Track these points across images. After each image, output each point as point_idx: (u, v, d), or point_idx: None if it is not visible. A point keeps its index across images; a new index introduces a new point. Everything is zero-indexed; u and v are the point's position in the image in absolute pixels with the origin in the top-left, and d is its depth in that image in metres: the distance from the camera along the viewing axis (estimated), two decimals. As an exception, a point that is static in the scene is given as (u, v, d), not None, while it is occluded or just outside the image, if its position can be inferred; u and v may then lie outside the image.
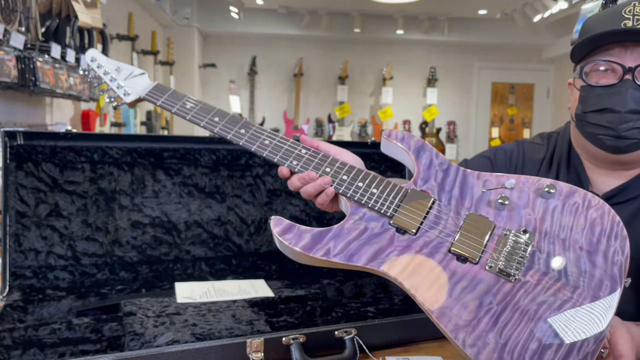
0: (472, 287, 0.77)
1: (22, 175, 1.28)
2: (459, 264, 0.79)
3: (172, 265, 1.43)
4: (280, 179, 1.55)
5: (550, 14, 4.85)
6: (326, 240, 0.84)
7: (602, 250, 0.79)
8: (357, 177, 0.89)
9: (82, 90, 2.64)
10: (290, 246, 0.82)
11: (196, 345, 0.95)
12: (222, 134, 0.95)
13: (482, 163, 1.20)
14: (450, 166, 0.91)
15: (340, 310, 1.29)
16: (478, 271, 0.79)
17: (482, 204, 0.85)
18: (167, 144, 1.43)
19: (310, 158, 0.92)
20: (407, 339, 1.15)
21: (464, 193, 0.87)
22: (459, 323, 0.74)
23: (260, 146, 0.93)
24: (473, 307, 0.75)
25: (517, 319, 0.74)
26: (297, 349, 1.00)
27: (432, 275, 0.78)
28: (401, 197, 0.86)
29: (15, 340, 1.07)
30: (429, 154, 0.92)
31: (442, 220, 0.84)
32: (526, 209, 0.84)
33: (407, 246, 0.81)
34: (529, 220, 0.83)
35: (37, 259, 1.30)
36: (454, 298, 0.76)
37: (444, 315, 0.74)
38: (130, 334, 1.06)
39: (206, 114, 0.97)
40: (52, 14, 2.53)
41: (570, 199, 0.83)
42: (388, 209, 0.85)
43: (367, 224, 0.84)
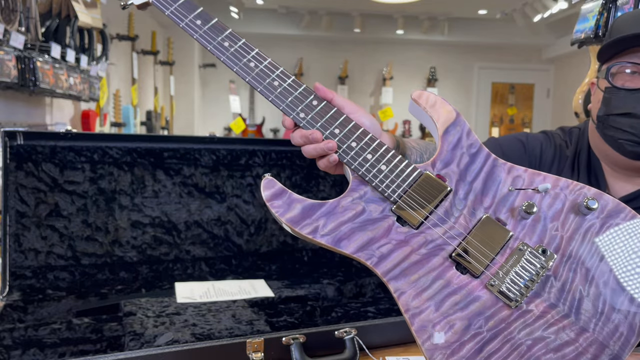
0: (464, 305, 0.67)
1: (22, 175, 1.28)
2: (457, 274, 0.68)
3: (172, 265, 1.43)
4: (281, 179, 1.55)
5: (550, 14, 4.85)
6: (317, 215, 0.73)
7: (632, 291, 0.66)
8: (368, 147, 0.75)
9: (82, 90, 2.64)
10: (277, 215, 0.73)
11: (196, 345, 0.95)
12: (229, 65, 0.80)
13: (515, 147, 1.09)
14: (481, 150, 0.74)
15: (340, 310, 1.29)
16: (476, 287, 0.68)
17: (504, 206, 0.71)
18: (167, 144, 1.43)
19: (321, 113, 0.77)
20: (407, 339, 1.15)
21: (487, 188, 0.72)
22: (439, 343, 0.65)
23: (268, 88, 0.79)
24: (459, 328, 0.65)
25: (505, 352, 0.64)
26: (297, 349, 1.00)
27: (424, 281, 0.68)
28: (412, 180, 0.72)
29: (15, 340, 1.07)
30: (459, 130, 0.75)
31: (452, 218, 0.71)
32: (555, 222, 0.70)
33: (404, 241, 0.70)
34: (553, 237, 0.69)
35: (37, 259, 1.30)
36: (440, 312, 0.66)
37: (424, 330, 0.66)
38: (130, 334, 1.06)
39: (216, 35, 0.80)
40: (52, 14, 2.53)
41: (612, 219, 0.69)
42: (393, 193, 0.72)
43: (365, 206, 0.72)
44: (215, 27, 0.80)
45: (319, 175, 1.59)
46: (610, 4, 1.47)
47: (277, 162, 1.54)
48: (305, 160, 1.58)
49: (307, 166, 1.57)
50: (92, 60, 2.81)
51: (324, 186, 1.59)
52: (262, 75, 0.79)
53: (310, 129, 0.77)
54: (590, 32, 1.56)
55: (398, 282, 0.68)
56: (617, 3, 1.44)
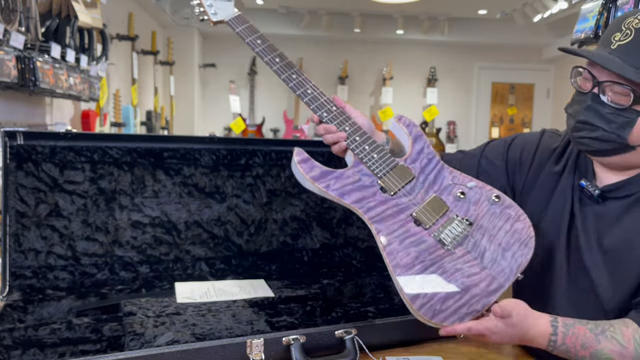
0: (417, 243, 1.03)
1: (22, 175, 1.28)
2: (413, 225, 1.06)
3: (172, 265, 1.43)
4: (280, 179, 1.55)
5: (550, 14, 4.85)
6: (329, 177, 1.09)
7: (513, 251, 1.04)
8: (366, 141, 1.14)
9: (82, 90, 2.64)
10: (303, 172, 1.09)
11: (196, 345, 0.95)
12: (278, 74, 1.20)
13: (499, 148, 1.28)
14: (434, 158, 1.16)
15: (340, 310, 1.29)
16: (425, 235, 1.05)
17: (446, 191, 1.11)
18: (167, 144, 1.43)
19: (337, 115, 1.16)
20: (407, 339, 1.15)
21: (436, 180, 1.13)
22: (399, 263, 1.00)
23: (304, 93, 1.18)
24: (412, 257, 1.02)
25: (439, 274, 1.01)
26: (297, 349, 1.00)
27: (394, 227, 1.04)
28: (391, 167, 1.11)
29: (15, 340, 1.07)
30: (422, 144, 1.18)
31: (414, 193, 1.10)
32: (475, 205, 1.10)
33: (384, 201, 1.07)
34: (473, 213, 1.08)
35: (37, 259, 1.30)
36: (402, 246, 1.02)
37: (391, 254, 1.01)
38: (130, 334, 1.06)
39: (271, 52, 1.22)
40: (52, 14, 2.53)
41: (507, 209, 1.09)
42: (379, 172, 1.10)
43: (361, 177, 1.10)
44: (269, 47, 1.23)
45: (319, 175, 1.59)
46: (610, 4, 1.47)
47: (277, 162, 1.54)
48: (305, 160, 1.58)
49: (307, 166, 1.58)
50: (92, 60, 2.81)
51: (324, 186, 1.59)
52: (301, 84, 1.19)
53: (330, 124, 1.15)
54: (590, 32, 1.56)
55: (379, 225, 1.04)
56: (617, 3, 1.44)
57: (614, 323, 0.97)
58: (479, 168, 1.26)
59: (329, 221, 1.60)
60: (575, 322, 0.98)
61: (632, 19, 0.97)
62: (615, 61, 0.95)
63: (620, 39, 0.97)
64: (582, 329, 0.96)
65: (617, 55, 0.96)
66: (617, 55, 0.96)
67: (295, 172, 1.12)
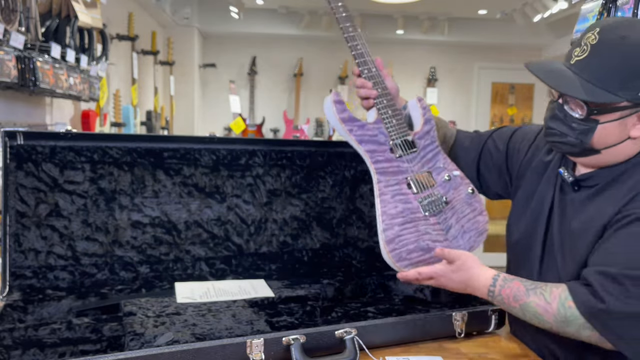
0: (404, 201, 1.25)
1: (22, 175, 1.28)
2: (405, 187, 1.27)
3: (172, 265, 1.43)
4: (280, 179, 1.55)
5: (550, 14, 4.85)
6: (355, 124, 1.28)
7: (470, 235, 1.30)
8: (391, 106, 1.32)
9: (82, 90, 2.64)
10: (335, 111, 1.27)
11: (196, 345, 0.95)
12: (338, 22, 1.38)
13: (505, 135, 1.41)
14: (436, 141, 1.36)
15: (340, 310, 1.29)
16: (412, 197, 1.26)
17: (436, 172, 1.33)
18: (167, 144, 1.43)
19: (375, 75, 1.34)
20: (407, 339, 1.15)
21: (432, 160, 1.34)
22: (387, 211, 1.22)
23: (354, 47, 1.34)
24: (398, 210, 1.23)
25: (412, 231, 1.23)
26: (297, 349, 1.00)
27: (391, 182, 1.26)
28: (403, 135, 1.31)
29: (15, 340, 1.07)
30: (430, 127, 1.37)
31: (413, 163, 1.30)
32: (454, 190, 1.32)
33: (389, 160, 1.28)
34: (451, 195, 1.31)
35: (37, 259, 1.30)
36: (393, 199, 1.24)
37: (383, 202, 1.23)
38: (130, 334, 1.06)
39: (348, 21, 1.38)
40: (52, 14, 2.53)
41: (476, 203, 1.34)
42: (393, 135, 1.30)
43: (378, 133, 1.30)
44: (349, 16, 1.40)
45: (319, 175, 1.59)
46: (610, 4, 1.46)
47: (277, 162, 1.54)
48: (305, 160, 1.58)
49: (307, 166, 1.58)
50: (92, 60, 2.81)
51: (323, 186, 1.59)
52: (354, 38, 1.36)
53: (367, 81, 1.33)
54: (590, 32, 1.56)
55: (380, 177, 1.26)
56: (617, 3, 1.44)
57: (549, 284, 1.05)
58: (484, 147, 1.41)
59: (329, 221, 1.60)
60: (516, 279, 1.09)
61: (590, 35, 1.03)
62: (569, 78, 1.03)
63: (578, 54, 1.04)
64: (518, 284, 1.08)
65: (574, 70, 1.03)
66: (575, 70, 1.03)
67: (327, 111, 1.29)
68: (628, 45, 0.99)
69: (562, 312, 1.00)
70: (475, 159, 1.41)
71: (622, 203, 1.03)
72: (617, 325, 0.96)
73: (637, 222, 0.99)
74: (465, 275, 1.13)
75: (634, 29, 1.01)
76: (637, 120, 1.03)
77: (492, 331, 1.23)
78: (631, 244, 0.98)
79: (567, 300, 1.00)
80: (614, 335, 0.96)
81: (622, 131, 1.04)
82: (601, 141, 1.05)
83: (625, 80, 0.99)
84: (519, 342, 1.19)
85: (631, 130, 1.04)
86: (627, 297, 0.94)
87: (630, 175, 1.06)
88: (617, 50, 1.00)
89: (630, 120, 1.03)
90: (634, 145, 1.06)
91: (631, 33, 1.00)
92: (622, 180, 1.07)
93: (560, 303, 1.01)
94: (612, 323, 0.96)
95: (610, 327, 0.96)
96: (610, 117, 1.03)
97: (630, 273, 0.95)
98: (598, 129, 1.04)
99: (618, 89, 0.99)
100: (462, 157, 1.43)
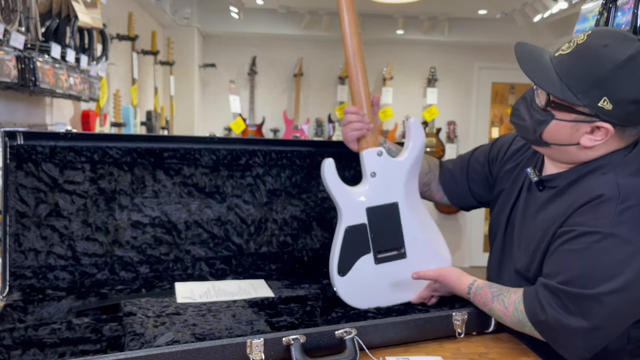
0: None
1: (22, 175, 1.28)
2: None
3: (172, 265, 1.43)
4: (280, 179, 1.55)
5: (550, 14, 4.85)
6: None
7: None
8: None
9: (82, 90, 2.64)
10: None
11: (196, 345, 0.95)
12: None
13: (485, 149, 1.45)
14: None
15: (340, 310, 1.29)
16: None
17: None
18: (167, 144, 1.43)
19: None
20: (407, 339, 1.15)
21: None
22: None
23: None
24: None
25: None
26: (297, 349, 1.00)
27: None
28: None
29: (15, 340, 1.07)
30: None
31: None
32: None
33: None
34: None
35: (37, 259, 1.30)
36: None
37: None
38: (130, 334, 1.06)
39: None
40: (52, 14, 2.53)
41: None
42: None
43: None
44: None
45: (319, 175, 1.59)
46: (610, 4, 1.46)
47: (277, 162, 1.54)
48: (305, 160, 1.58)
49: (307, 166, 1.58)
50: (92, 60, 2.81)
51: (324, 186, 1.59)
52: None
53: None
54: (590, 32, 1.56)
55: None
56: (617, 3, 1.44)
57: (511, 290, 1.14)
58: (469, 165, 1.45)
59: (329, 221, 1.60)
60: (486, 286, 1.19)
61: (582, 34, 1.06)
62: (544, 69, 1.07)
63: (564, 49, 1.07)
64: (487, 291, 1.17)
65: (554, 62, 1.08)
66: (554, 62, 1.08)
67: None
68: (603, 56, 1.00)
69: (516, 315, 1.10)
70: (464, 179, 1.45)
71: (568, 213, 1.07)
72: (556, 334, 1.04)
73: (578, 239, 1.02)
74: (449, 288, 1.26)
75: (620, 43, 1.01)
76: (590, 131, 1.06)
77: (492, 331, 1.23)
78: (571, 260, 1.03)
79: (519, 305, 1.09)
80: (554, 343, 1.05)
81: (573, 135, 1.08)
82: (551, 136, 1.10)
83: (588, 85, 1.01)
84: (519, 342, 1.19)
85: (581, 138, 1.07)
86: (564, 311, 1.01)
87: (582, 181, 1.10)
88: (593, 57, 1.02)
89: (583, 128, 1.06)
90: (581, 153, 1.10)
91: (614, 44, 1.01)
92: (576, 185, 1.11)
93: (515, 308, 1.10)
94: (552, 332, 1.04)
95: (551, 335, 1.05)
96: (566, 116, 1.07)
97: (567, 289, 1.01)
98: (551, 124, 1.09)
99: (580, 91, 1.02)
100: (450, 181, 1.47)
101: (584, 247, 1.01)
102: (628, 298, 0.98)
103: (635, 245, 0.97)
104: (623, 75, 0.99)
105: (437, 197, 1.49)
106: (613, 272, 0.97)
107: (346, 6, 1.32)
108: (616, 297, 0.97)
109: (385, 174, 1.33)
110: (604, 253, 0.99)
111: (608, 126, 1.04)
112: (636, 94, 1.00)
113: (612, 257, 0.98)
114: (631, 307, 1.00)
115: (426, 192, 1.48)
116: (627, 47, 1.00)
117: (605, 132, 1.05)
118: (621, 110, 1.01)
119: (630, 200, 1.00)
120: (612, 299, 0.97)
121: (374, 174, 1.32)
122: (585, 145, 1.07)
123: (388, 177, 1.33)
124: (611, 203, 1.01)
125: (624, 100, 1.00)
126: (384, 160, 1.33)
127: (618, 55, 0.99)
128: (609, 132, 1.04)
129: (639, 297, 0.99)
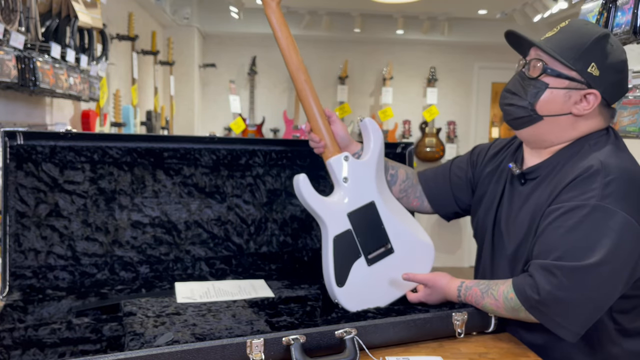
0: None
1: (22, 175, 1.28)
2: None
3: (172, 265, 1.43)
4: (280, 179, 1.55)
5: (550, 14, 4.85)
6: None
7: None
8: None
9: (82, 90, 2.64)
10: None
11: (196, 345, 0.95)
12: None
13: (464, 157, 1.49)
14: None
15: (340, 310, 1.29)
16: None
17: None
18: (167, 144, 1.43)
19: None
20: (407, 339, 1.15)
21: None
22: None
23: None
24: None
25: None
26: (297, 349, 1.00)
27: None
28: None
29: (15, 340, 1.07)
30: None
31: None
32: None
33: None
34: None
35: (37, 259, 1.30)
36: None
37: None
38: (130, 334, 1.06)
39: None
40: (52, 14, 2.53)
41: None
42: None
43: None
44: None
45: (319, 175, 1.59)
46: (610, 4, 1.46)
47: (277, 162, 1.54)
48: (305, 160, 1.58)
49: (307, 166, 1.57)
50: (92, 60, 2.81)
51: (324, 186, 1.59)
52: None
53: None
54: (590, 32, 1.55)
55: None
56: (617, 3, 1.44)
57: (499, 282, 1.18)
58: (451, 171, 1.48)
59: (329, 221, 1.60)
60: (474, 285, 1.22)
61: (563, 22, 1.20)
62: (539, 42, 1.18)
63: (549, 34, 1.20)
64: (475, 289, 1.21)
65: (542, 43, 1.19)
66: (542, 43, 1.18)
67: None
68: (586, 31, 1.16)
69: (508, 304, 1.13)
70: (446, 184, 1.47)
71: (555, 194, 1.13)
72: (551, 312, 1.07)
73: (567, 214, 1.08)
74: (439, 294, 1.27)
75: (599, 27, 1.19)
76: (581, 99, 1.15)
77: (492, 331, 1.23)
78: (563, 236, 1.08)
79: (509, 293, 1.13)
80: (551, 322, 1.08)
81: (566, 102, 1.16)
82: (545, 106, 1.17)
83: (578, 54, 1.13)
84: (519, 342, 1.19)
85: (573, 106, 1.16)
86: (559, 286, 1.05)
87: (564, 166, 1.17)
88: (578, 31, 1.16)
89: (575, 96, 1.15)
90: (569, 126, 1.18)
91: (591, 25, 1.19)
92: (557, 170, 1.18)
93: (505, 297, 1.14)
94: (547, 310, 1.07)
95: (546, 314, 1.08)
96: (559, 83, 1.16)
97: (562, 264, 1.05)
98: (546, 92, 1.16)
99: (571, 58, 1.13)
100: (433, 187, 1.48)
101: (574, 222, 1.07)
102: (615, 266, 1.04)
103: (621, 214, 1.05)
104: (604, 45, 1.14)
105: (414, 204, 1.49)
106: (604, 242, 1.04)
107: (277, 22, 1.32)
108: (607, 266, 1.03)
109: (356, 177, 1.33)
110: (594, 225, 1.05)
111: (596, 92, 1.14)
112: (617, 63, 1.15)
113: (602, 228, 1.05)
114: (620, 272, 1.05)
115: (403, 199, 1.47)
116: (600, 28, 1.19)
117: (594, 99, 1.14)
118: (606, 78, 1.14)
119: (612, 174, 1.08)
120: (604, 268, 1.03)
121: (346, 179, 1.32)
122: (576, 114, 1.16)
123: (360, 179, 1.34)
124: (599, 175, 1.08)
125: (609, 67, 1.14)
126: (352, 163, 1.34)
127: (597, 30, 1.16)
128: (597, 99, 1.14)
129: (625, 262, 1.05)
